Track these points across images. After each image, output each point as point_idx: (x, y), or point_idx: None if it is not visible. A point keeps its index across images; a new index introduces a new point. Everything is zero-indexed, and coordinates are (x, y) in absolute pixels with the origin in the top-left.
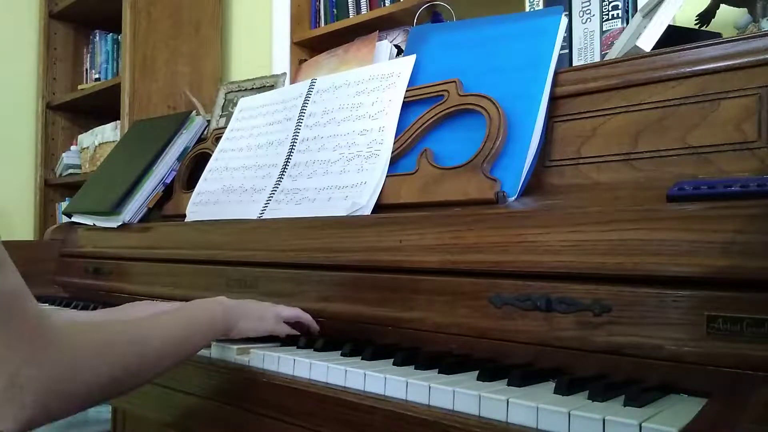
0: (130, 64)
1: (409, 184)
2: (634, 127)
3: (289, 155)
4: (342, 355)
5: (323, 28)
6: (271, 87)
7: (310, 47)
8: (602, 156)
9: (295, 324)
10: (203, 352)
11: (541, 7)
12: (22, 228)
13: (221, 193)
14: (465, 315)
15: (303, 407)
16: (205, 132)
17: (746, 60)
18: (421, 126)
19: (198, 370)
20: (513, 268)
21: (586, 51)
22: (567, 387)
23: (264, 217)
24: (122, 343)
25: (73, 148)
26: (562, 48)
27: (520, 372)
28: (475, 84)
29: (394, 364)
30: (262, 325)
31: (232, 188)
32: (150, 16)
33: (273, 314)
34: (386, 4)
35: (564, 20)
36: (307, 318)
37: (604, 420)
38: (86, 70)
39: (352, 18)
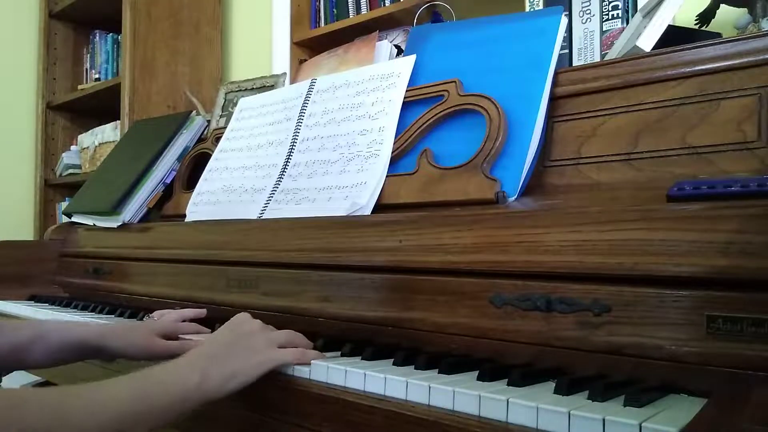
0: (130, 64)
1: (409, 184)
2: (634, 127)
3: (289, 155)
4: (342, 355)
5: (323, 28)
6: (271, 87)
7: (310, 47)
8: (602, 156)
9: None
10: None
11: (541, 7)
12: (22, 228)
13: (221, 193)
14: (465, 315)
15: (303, 407)
16: (205, 132)
17: (746, 60)
18: (421, 126)
19: None
20: (513, 268)
21: (586, 51)
22: (567, 387)
23: (264, 217)
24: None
25: (73, 148)
26: (562, 48)
27: (520, 372)
28: (475, 84)
29: (394, 364)
30: (256, 358)
31: (232, 188)
32: (150, 16)
33: (264, 341)
34: (386, 4)
35: (564, 20)
36: (301, 340)
37: (604, 420)
38: (86, 70)
39: (352, 18)
